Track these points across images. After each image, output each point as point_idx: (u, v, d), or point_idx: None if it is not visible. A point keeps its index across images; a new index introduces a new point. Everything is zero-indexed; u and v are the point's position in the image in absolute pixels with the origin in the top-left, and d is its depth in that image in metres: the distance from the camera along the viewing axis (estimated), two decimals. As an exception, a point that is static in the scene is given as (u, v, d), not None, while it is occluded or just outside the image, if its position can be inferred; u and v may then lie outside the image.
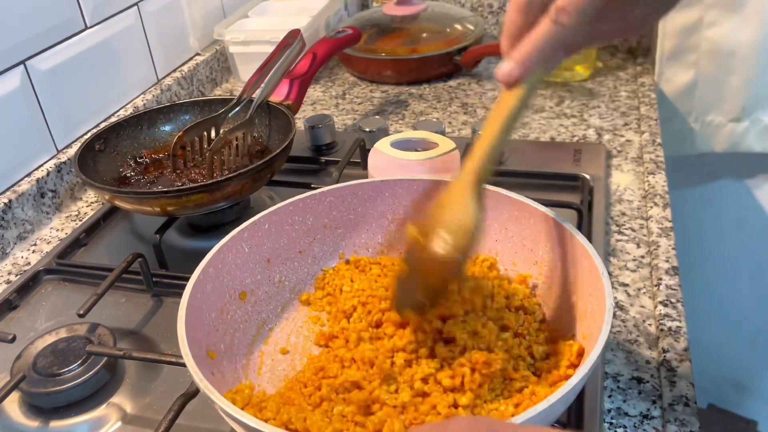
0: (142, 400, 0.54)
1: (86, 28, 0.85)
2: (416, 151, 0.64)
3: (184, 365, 0.53)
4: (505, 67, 0.40)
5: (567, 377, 0.43)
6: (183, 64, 1.04)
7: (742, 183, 1.08)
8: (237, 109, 0.78)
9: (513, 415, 0.41)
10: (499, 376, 0.44)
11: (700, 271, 1.17)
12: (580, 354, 0.45)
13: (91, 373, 0.54)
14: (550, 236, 0.51)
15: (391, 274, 0.56)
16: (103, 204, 0.80)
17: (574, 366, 0.44)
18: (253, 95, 0.78)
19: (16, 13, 0.74)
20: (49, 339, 0.57)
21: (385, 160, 0.63)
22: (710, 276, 1.17)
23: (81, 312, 0.57)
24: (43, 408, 0.53)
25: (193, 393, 0.49)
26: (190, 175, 0.75)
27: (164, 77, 1.00)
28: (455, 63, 1.05)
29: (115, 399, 0.54)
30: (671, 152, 1.03)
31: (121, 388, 0.55)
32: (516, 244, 0.54)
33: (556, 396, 0.36)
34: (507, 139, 0.44)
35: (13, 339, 0.56)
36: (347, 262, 0.59)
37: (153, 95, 0.96)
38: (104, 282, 0.60)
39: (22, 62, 0.76)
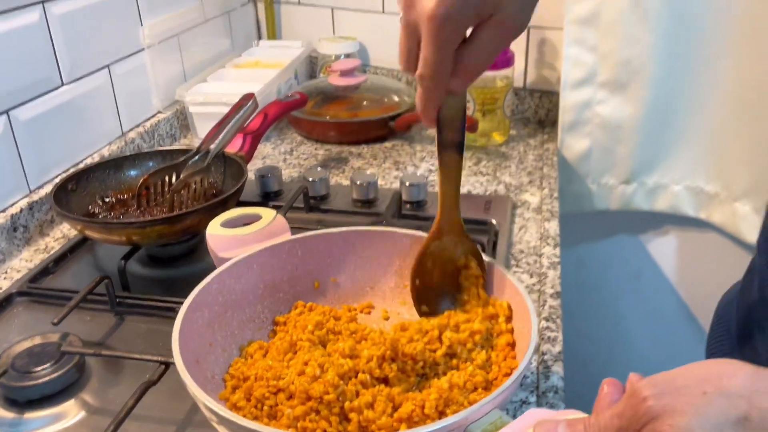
0: (106, 396, 0.63)
1: (62, 84, 0.96)
2: (245, 225, 0.68)
3: (147, 361, 0.63)
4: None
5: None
6: (146, 120, 1.16)
7: (636, 238, 1.25)
8: (196, 158, 0.90)
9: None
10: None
11: (605, 318, 1.32)
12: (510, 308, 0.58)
13: (62, 371, 0.62)
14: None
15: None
16: (69, 239, 0.89)
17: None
18: (211, 147, 0.90)
19: (2, 68, 0.85)
20: (26, 344, 0.65)
21: (225, 240, 0.65)
22: (612, 322, 1.32)
23: (56, 321, 0.66)
24: (18, 401, 0.62)
25: (154, 381, 0.59)
26: (153, 212, 0.85)
27: (128, 131, 1.11)
28: (390, 127, 1.19)
29: (83, 394, 0.63)
30: (574, 209, 1.19)
31: (88, 386, 0.64)
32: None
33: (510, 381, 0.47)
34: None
35: (-6, 343, 0.65)
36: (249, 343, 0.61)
37: (118, 146, 1.06)
38: (76, 297, 0.70)
39: (6, 112, 0.87)
